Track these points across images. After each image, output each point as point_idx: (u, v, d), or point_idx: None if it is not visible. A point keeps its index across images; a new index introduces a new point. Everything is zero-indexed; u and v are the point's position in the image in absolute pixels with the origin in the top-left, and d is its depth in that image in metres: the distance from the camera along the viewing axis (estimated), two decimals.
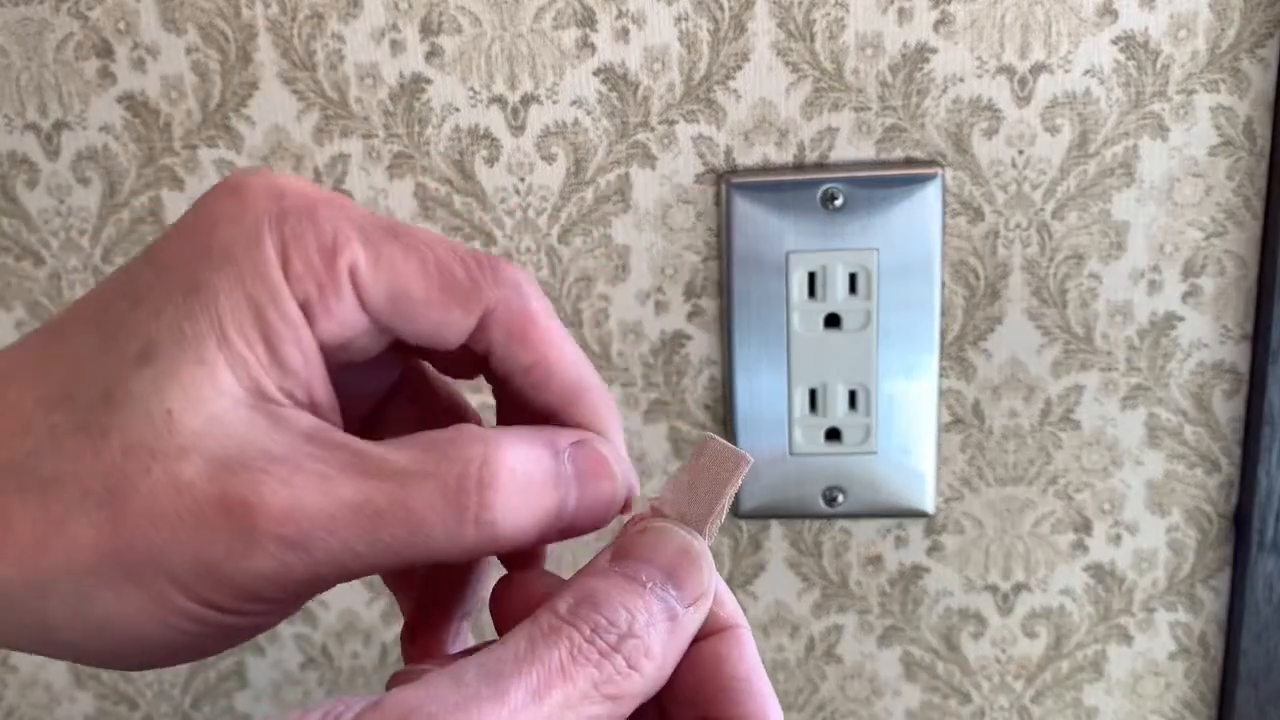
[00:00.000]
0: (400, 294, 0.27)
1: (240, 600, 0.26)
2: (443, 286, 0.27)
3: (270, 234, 0.26)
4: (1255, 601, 0.57)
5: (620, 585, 0.26)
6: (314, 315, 0.26)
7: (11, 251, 0.55)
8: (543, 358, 0.28)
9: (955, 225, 0.53)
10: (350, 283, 0.26)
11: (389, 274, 0.27)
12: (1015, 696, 0.61)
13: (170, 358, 0.25)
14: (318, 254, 0.26)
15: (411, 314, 0.27)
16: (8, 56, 0.52)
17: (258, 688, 0.62)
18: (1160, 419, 0.56)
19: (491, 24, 0.50)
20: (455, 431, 0.26)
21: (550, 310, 0.28)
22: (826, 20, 0.50)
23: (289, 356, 0.26)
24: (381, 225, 0.27)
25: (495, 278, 0.27)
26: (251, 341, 0.26)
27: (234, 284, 0.26)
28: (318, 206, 0.27)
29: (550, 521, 0.27)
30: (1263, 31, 0.50)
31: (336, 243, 0.26)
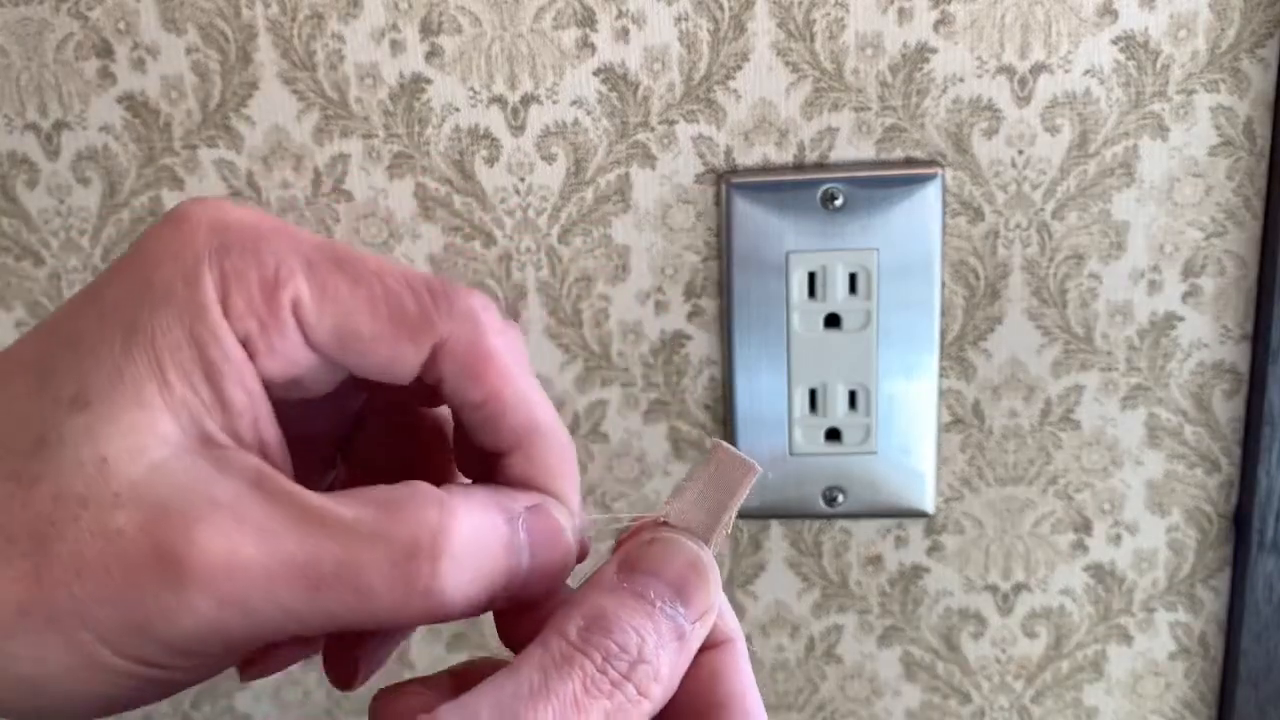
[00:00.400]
0: (347, 329, 0.26)
1: (172, 656, 0.25)
2: (391, 319, 0.26)
3: (210, 270, 0.25)
4: (1255, 601, 0.57)
5: (629, 605, 0.25)
6: (256, 352, 0.25)
7: (11, 251, 0.55)
8: (495, 395, 0.27)
9: (955, 225, 0.53)
10: (294, 318, 0.25)
11: (334, 308, 0.26)
12: (1015, 696, 0.61)
13: (107, 403, 0.24)
14: (259, 289, 0.25)
15: (359, 349, 0.26)
16: (8, 56, 0.52)
17: (258, 688, 0.62)
18: (1160, 419, 0.56)
19: (491, 24, 0.50)
20: (410, 490, 0.25)
21: (511, 343, 0.27)
22: (826, 20, 0.50)
23: (233, 396, 0.25)
24: (329, 256, 0.26)
25: (449, 309, 0.26)
26: (194, 382, 0.25)
27: (173, 323, 0.25)
28: (261, 238, 0.26)
29: (499, 591, 0.26)
30: (1263, 31, 0.50)
31: (279, 277, 0.25)
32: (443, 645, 0.61)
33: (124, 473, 0.24)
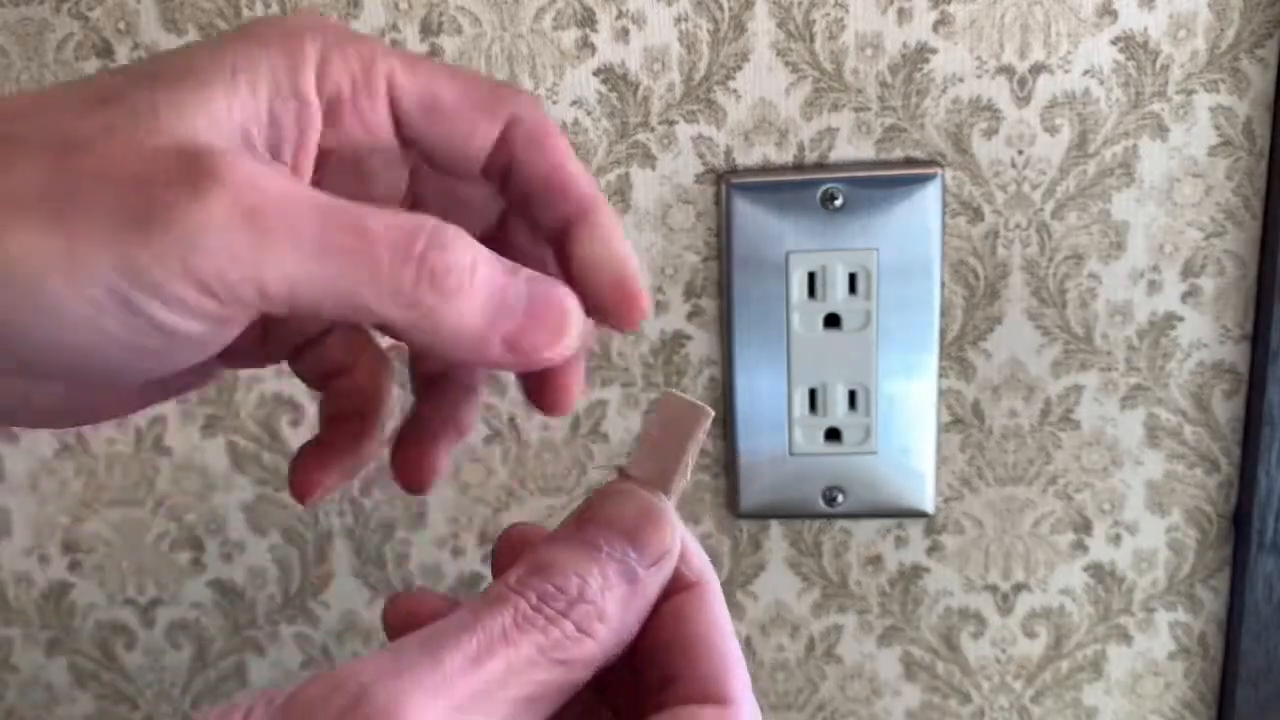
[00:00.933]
0: (432, 101, 0.28)
1: (192, 291, 0.24)
2: (470, 94, 0.28)
3: (311, 38, 0.27)
4: (1255, 601, 0.57)
5: (576, 553, 0.26)
6: (341, 113, 0.27)
7: None
8: (561, 165, 0.29)
9: (955, 225, 0.53)
10: (385, 83, 0.27)
11: (423, 80, 0.28)
12: (1015, 696, 0.61)
13: (173, 79, 0.25)
14: (356, 60, 0.27)
15: (442, 120, 0.28)
16: (8, 57, 0.52)
17: (258, 687, 0.62)
18: (1160, 419, 0.56)
19: (491, 24, 0.50)
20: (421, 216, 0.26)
21: (558, 127, 0.30)
22: (826, 20, 0.50)
23: (286, 126, 0.26)
24: (414, 56, 0.29)
25: (515, 93, 0.29)
26: (258, 100, 0.26)
27: (260, 55, 0.26)
28: (359, 35, 0.28)
29: (497, 318, 0.26)
30: (1262, 31, 0.50)
31: (376, 54, 0.27)
32: None
33: (170, 120, 0.25)
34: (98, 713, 0.63)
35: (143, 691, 0.62)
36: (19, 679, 0.62)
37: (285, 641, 0.61)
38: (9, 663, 0.62)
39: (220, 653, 0.61)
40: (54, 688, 0.62)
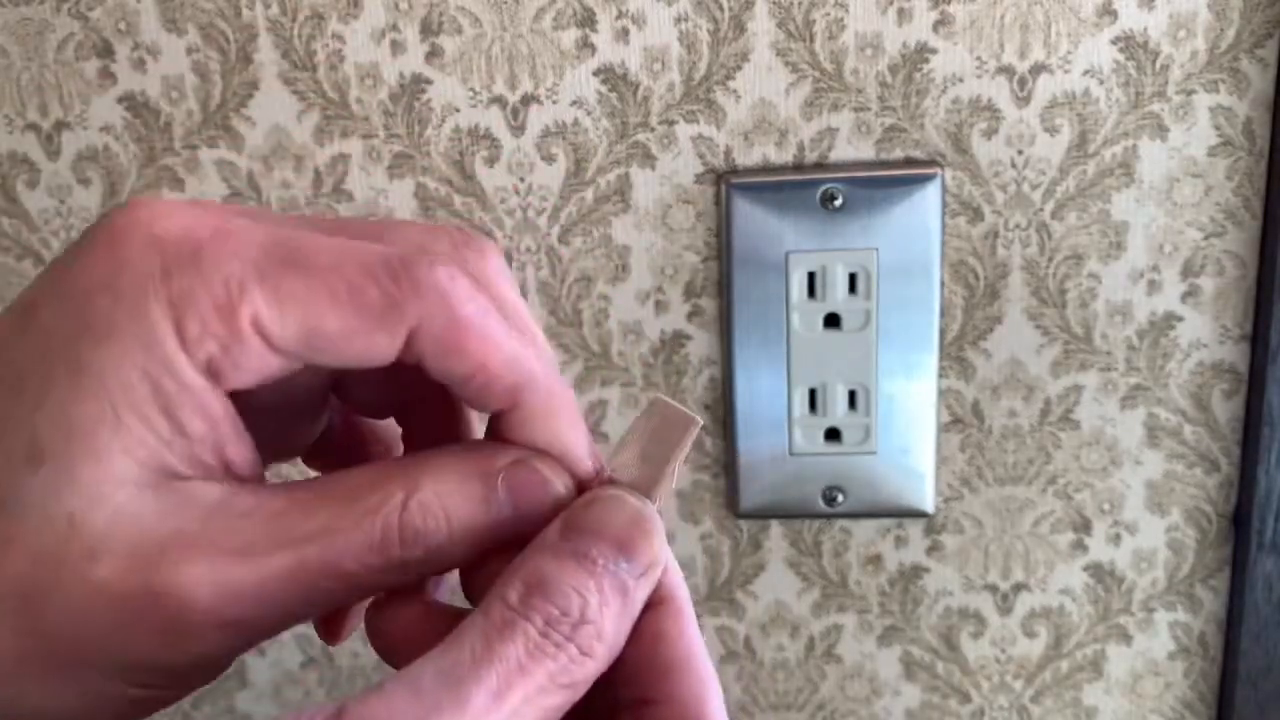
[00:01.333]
0: (312, 331, 0.25)
1: (183, 676, 0.26)
2: (357, 312, 0.25)
3: (156, 301, 0.24)
4: (1255, 601, 0.57)
5: (570, 567, 0.25)
6: (222, 373, 0.25)
7: (12, 251, 0.55)
8: (480, 367, 0.26)
9: (955, 225, 0.53)
10: (256, 333, 0.24)
11: (295, 312, 0.24)
12: (1015, 696, 0.61)
13: (62, 456, 0.24)
14: (214, 312, 0.24)
15: (329, 348, 0.25)
16: (8, 57, 0.52)
17: (259, 688, 0.62)
18: (1159, 419, 0.56)
19: (492, 24, 0.50)
20: (376, 473, 0.26)
21: (483, 306, 0.26)
22: (826, 20, 0.50)
23: (192, 425, 0.25)
24: (279, 257, 0.25)
25: (414, 290, 0.25)
26: (149, 417, 0.24)
27: (121, 360, 0.24)
28: (203, 252, 0.24)
29: (489, 545, 0.27)
30: (1262, 32, 0.50)
31: (231, 295, 0.24)
32: None
33: (91, 525, 0.24)
34: None
35: None
36: None
37: (286, 642, 0.61)
38: None
39: None
40: None
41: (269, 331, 0.25)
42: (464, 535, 0.26)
